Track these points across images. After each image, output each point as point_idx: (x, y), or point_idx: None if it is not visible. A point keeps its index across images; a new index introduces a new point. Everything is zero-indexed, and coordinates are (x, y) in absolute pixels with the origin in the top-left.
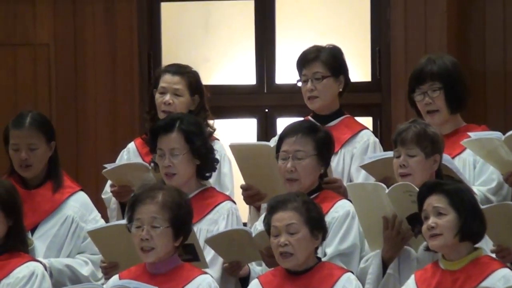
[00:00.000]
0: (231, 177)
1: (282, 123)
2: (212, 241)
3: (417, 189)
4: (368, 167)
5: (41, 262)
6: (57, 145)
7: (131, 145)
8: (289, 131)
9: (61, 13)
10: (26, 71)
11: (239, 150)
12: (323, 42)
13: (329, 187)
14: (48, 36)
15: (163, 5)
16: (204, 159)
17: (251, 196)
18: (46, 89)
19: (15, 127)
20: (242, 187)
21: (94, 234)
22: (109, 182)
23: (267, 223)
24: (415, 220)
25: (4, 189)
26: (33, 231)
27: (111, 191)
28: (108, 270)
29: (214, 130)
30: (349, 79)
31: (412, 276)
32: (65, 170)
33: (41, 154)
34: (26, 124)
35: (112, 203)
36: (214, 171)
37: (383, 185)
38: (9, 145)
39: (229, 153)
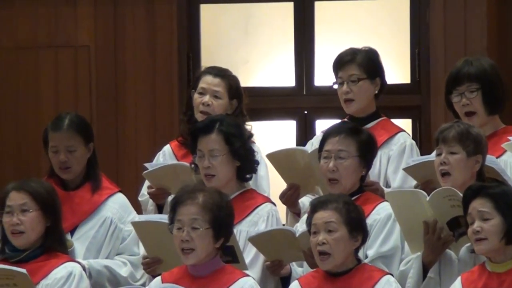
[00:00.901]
0: (267, 180)
1: (321, 125)
2: (256, 240)
3: (457, 192)
4: (411, 170)
5: (80, 263)
6: (97, 146)
7: (167, 148)
8: (333, 131)
9: (101, 15)
10: (67, 72)
11: (275, 157)
12: (362, 44)
13: (366, 189)
14: (88, 37)
15: (203, 6)
16: (244, 161)
17: (287, 191)
18: (87, 91)
19: (53, 129)
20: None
21: (138, 226)
22: (145, 185)
23: (309, 222)
24: (456, 225)
25: (44, 189)
26: (72, 232)
27: (148, 193)
28: (151, 265)
29: (252, 135)
30: (385, 81)
31: (459, 278)
32: (105, 172)
33: (79, 156)
34: (64, 127)
35: (150, 205)
36: (255, 172)
37: (422, 191)
38: (48, 147)
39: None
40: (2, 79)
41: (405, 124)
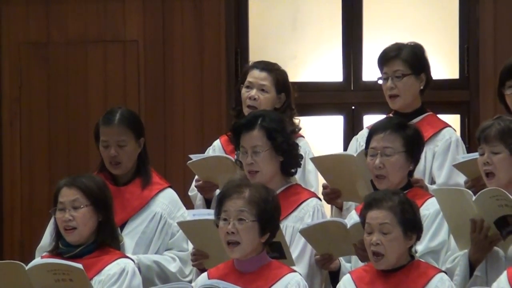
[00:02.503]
0: (316, 174)
1: (369, 120)
2: (307, 232)
3: (505, 192)
4: (461, 166)
5: (130, 258)
6: (146, 141)
7: (217, 143)
8: (378, 127)
9: (150, 10)
10: (116, 67)
11: (320, 161)
12: (410, 39)
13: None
14: (137, 32)
15: (251, 1)
16: (288, 155)
17: (328, 194)
18: (135, 85)
19: (104, 124)
20: (323, 188)
21: (185, 226)
22: (195, 180)
23: (363, 219)
24: (504, 223)
25: (95, 184)
26: (122, 227)
27: (196, 186)
28: (198, 257)
29: (299, 129)
30: (431, 77)
31: (505, 273)
32: (153, 167)
33: (130, 151)
34: (116, 121)
35: (198, 200)
36: (299, 167)
37: (468, 191)
38: (99, 142)
39: (314, 150)
40: (53, 74)
41: (454, 119)
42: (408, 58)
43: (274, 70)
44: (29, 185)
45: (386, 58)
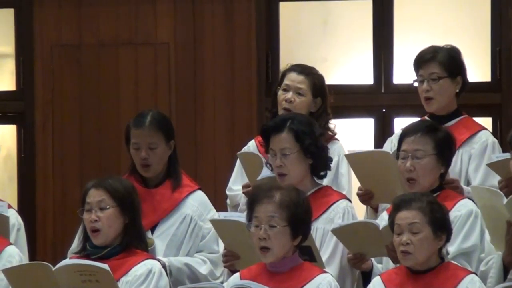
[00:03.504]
0: (348, 177)
1: (400, 123)
2: (339, 232)
3: None
4: (494, 166)
5: (160, 261)
6: (176, 143)
7: (251, 143)
8: (409, 130)
9: (181, 13)
10: (147, 70)
11: (354, 158)
12: (442, 42)
13: (446, 187)
14: (168, 35)
15: (282, 4)
16: (317, 158)
17: (362, 195)
18: (166, 88)
19: (135, 126)
20: (359, 189)
21: (217, 224)
22: (233, 179)
23: (392, 221)
24: None
25: (122, 186)
26: (153, 230)
27: (244, 192)
28: (229, 258)
29: (335, 134)
30: (467, 80)
31: None
32: (183, 169)
33: (160, 153)
34: (146, 124)
35: (242, 204)
36: (329, 169)
37: (501, 193)
38: (130, 144)
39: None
40: (84, 76)
41: (486, 122)
42: (444, 61)
43: (311, 74)
44: (61, 187)
45: (422, 61)
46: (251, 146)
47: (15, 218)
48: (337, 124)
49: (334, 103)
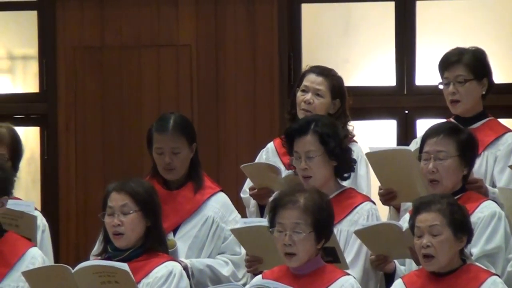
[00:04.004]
0: (367, 179)
1: (422, 124)
2: (362, 233)
3: None
4: None
5: (182, 263)
6: (198, 145)
7: (270, 145)
8: (432, 132)
9: (203, 14)
10: (169, 71)
11: (376, 157)
12: (465, 43)
13: (470, 187)
14: (190, 37)
15: (304, 6)
16: (341, 160)
17: (384, 195)
18: (188, 90)
19: (158, 130)
20: (379, 188)
21: (237, 232)
22: (247, 182)
23: (412, 223)
24: None
25: (144, 190)
26: (175, 231)
27: (250, 194)
28: (252, 264)
29: (353, 136)
30: (492, 82)
31: None
32: (205, 171)
33: (183, 157)
34: (169, 129)
35: (251, 206)
36: (352, 171)
37: None
38: (153, 148)
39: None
40: (107, 78)
41: (510, 124)
42: (470, 63)
43: (330, 76)
44: (84, 189)
45: (447, 63)
46: (270, 148)
47: (40, 220)
48: (359, 126)
49: (356, 104)
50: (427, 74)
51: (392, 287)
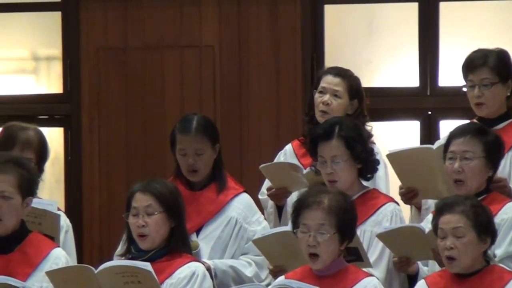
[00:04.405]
0: (386, 180)
1: (445, 125)
2: (384, 236)
3: None
4: None
5: (205, 263)
6: (221, 146)
7: (288, 147)
8: (458, 132)
9: (226, 15)
10: (192, 72)
11: (396, 157)
12: (488, 44)
13: (493, 186)
14: (213, 38)
15: (327, 7)
16: (366, 162)
17: (405, 194)
18: (211, 90)
19: (181, 132)
20: (400, 188)
21: (258, 242)
22: (265, 183)
23: (435, 224)
24: None
25: (168, 190)
26: (198, 232)
27: (268, 195)
28: (277, 274)
29: (371, 136)
30: None
31: None
32: (229, 172)
33: (207, 158)
34: (193, 130)
35: (269, 207)
36: (376, 172)
37: None
38: (176, 149)
39: (384, 156)
40: (130, 78)
41: None
42: (495, 66)
43: (347, 76)
44: (107, 190)
45: (472, 66)
46: (288, 150)
47: (63, 220)
48: (382, 127)
49: (379, 106)
50: (450, 75)
51: (415, 287)
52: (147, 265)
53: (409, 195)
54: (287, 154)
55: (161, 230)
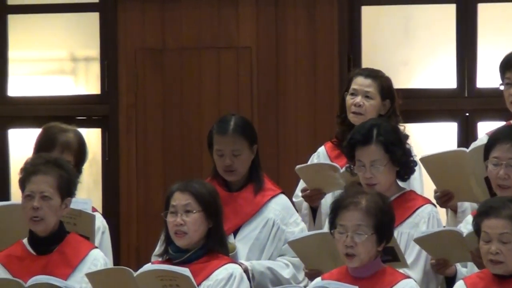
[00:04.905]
0: (421, 181)
1: (483, 127)
2: (421, 240)
3: None
4: None
5: (242, 265)
6: (258, 147)
7: (321, 149)
8: (504, 136)
9: (263, 16)
10: (229, 73)
11: (430, 161)
12: None
13: None
14: (250, 39)
15: (364, 8)
16: (404, 165)
17: (441, 197)
18: (248, 91)
19: (219, 132)
20: (435, 192)
21: (294, 244)
22: (299, 186)
23: (478, 227)
24: None
25: (206, 191)
26: (235, 233)
27: (302, 196)
28: (312, 277)
29: (408, 137)
30: None
31: None
32: (266, 173)
33: (244, 159)
34: (230, 130)
35: (304, 209)
36: (413, 173)
37: None
38: (213, 150)
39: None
40: (167, 80)
41: None
42: None
43: (378, 77)
44: (144, 191)
45: (509, 64)
46: (321, 152)
47: (100, 221)
48: (419, 128)
49: (416, 107)
50: (488, 76)
51: None
52: (186, 270)
53: (444, 199)
54: (320, 156)
55: (199, 229)
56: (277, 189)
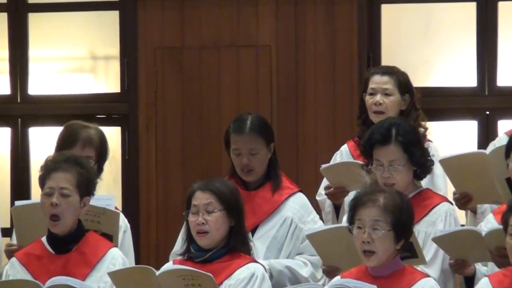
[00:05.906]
0: (444, 178)
1: (504, 125)
2: (439, 240)
3: None
4: None
5: (260, 263)
6: (277, 146)
7: (344, 148)
8: None
9: (283, 15)
10: (249, 72)
11: (449, 162)
12: None
13: None
14: (270, 37)
15: (384, 6)
16: (422, 165)
17: (459, 199)
18: (268, 90)
19: (236, 132)
20: (454, 194)
21: (313, 237)
22: (323, 184)
23: (506, 222)
24: None
25: (228, 189)
26: (253, 232)
27: (326, 193)
28: (329, 273)
29: (426, 129)
30: None
31: None
32: (285, 172)
33: (261, 158)
34: (247, 130)
35: (327, 206)
36: (430, 173)
37: None
38: (231, 149)
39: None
40: (186, 78)
41: None
42: None
43: (394, 73)
44: (164, 189)
45: None
46: (344, 150)
47: (121, 220)
48: (439, 127)
49: (436, 105)
50: (508, 74)
51: (477, 286)
52: (209, 273)
53: (463, 201)
54: (343, 154)
55: (221, 228)
56: (295, 187)
